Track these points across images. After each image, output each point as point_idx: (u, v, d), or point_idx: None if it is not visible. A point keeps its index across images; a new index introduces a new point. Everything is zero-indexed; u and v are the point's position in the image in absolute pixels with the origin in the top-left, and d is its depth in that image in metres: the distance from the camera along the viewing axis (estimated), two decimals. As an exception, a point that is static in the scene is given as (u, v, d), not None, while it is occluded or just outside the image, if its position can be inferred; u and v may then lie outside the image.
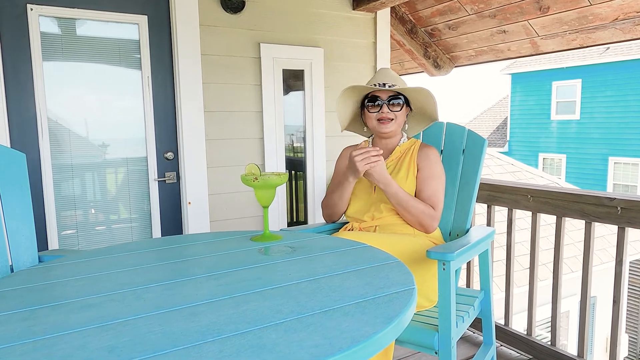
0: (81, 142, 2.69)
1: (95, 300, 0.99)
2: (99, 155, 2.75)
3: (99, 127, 2.72)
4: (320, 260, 1.24)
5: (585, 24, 3.03)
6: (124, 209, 2.85)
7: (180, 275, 1.15)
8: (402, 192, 1.84)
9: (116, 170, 2.81)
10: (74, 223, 2.71)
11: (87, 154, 2.71)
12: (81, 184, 2.72)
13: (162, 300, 0.97)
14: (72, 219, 2.71)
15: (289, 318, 0.86)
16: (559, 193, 2.32)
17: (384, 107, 1.93)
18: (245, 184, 1.40)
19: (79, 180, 2.71)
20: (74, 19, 2.60)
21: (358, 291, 0.99)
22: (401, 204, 1.84)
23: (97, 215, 2.78)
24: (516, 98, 16.95)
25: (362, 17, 3.43)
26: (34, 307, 0.96)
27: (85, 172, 2.72)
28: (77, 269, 1.25)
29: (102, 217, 2.79)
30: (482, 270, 1.98)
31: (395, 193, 1.83)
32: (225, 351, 0.74)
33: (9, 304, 0.99)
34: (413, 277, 1.06)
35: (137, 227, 2.89)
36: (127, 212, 2.85)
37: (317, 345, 0.75)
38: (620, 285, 2.13)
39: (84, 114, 2.68)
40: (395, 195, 1.83)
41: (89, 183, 2.74)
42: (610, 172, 14.22)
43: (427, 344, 1.57)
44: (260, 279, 1.09)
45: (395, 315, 0.86)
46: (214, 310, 0.91)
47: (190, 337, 0.79)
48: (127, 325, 0.85)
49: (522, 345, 2.52)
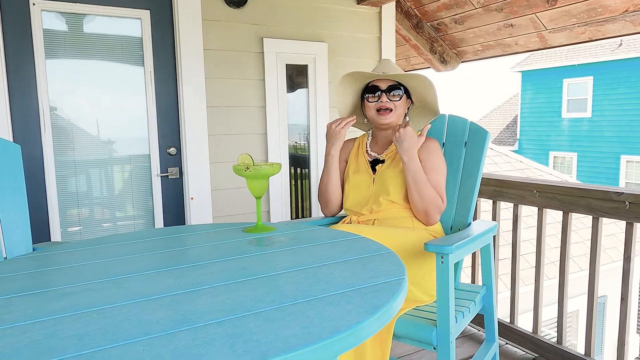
0: (84, 138, 2.69)
1: (74, 289, 0.96)
2: (102, 151, 2.74)
3: (101, 122, 2.72)
4: (310, 251, 1.21)
5: (595, 16, 2.96)
6: (126, 204, 2.84)
7: (164, 266, 1.12)
8: (421, 172, 1.80)
9: (119, 166, 2.80)
10: (77, 219, 2.71)
11: (90, 149, 2.70)
12: (84, 179, 2.71)
13: (142, 289, 0.95)
14: (75, 215, 2.70)
15: (269, 307, 0.83)
16: (565, 188, 2.26)
17: (382, 97, 1.90)
18: (237, 174, 1.37)
19: (81, 176, 2.70)
20: (76, 14, 2.60)
21: (345, 281, 0.96)
22: (417, 183, 1.79)
23: (100, 211, 2.78)
24: (526, 96, 16.77)
25: (366, 12, 3.39)
26: (10, 296, 0.94)
27: (88, 168, 2.71)
28: (63, 258, 1.23)
29: (105, 212, 2.79)
30: (484, 265, 1.93)
31: (415, 170, 1.79)
32: (198, 340, 0.71)
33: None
34: (404, 268, 1.02)
35: (139, 223, 2.88)
36: (129, 207, 2.85)
37: (295, 335, 0.72)
38: (629, 282, 2.07)
39: (86, 109, 2.67)
40: (414, 173, 1.79)
41: (91, 179, 2.73)
42: (623, 170, 14.01)
43: (425, 339, 1.53)
44: (244, 269, 1.06)
45: (381, 304, 0.82)
46: (193, 300, 0.88)
47: (164, 326, 0.77)
48: (101, 314, 0.82)
49: (528, 343, 2.46)
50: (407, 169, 1.80)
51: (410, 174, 1.80)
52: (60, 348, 0.70)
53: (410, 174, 1.80)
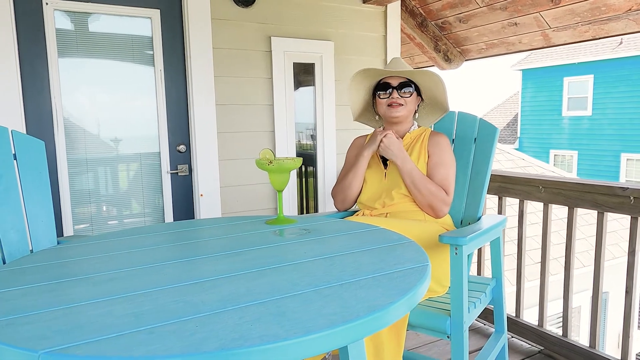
0: (95, 136, 2.73)
1: (117, 274, 1.02)
2: (113, 149, 2.78)
3: (112, 121, 2.76)
4: (334, 241, 1.26)
5: (598, 15, 3.02)
6: (137, 201, 2.88)
7: (197, 254, 1.18)
8: (416, 171, 1.88)
9: (129, 163, 2.85)
10: (89, 216, 2.75)
11: (101, 147, 2.75)
12: (95, 176, 2.76)
13: (182, 274, 1.00)
14: (87, 212, 2.75)
15: (306, 290, 0.88)
16: (571, 183, 2.32)
17: (394, 93, 1.95)
18: (260, 167, 1.42)
19: (93, 174, 2.75)
20: (88, 13, 2.64)
21: (372, 267, 1.01)
22: (414, 183, 1.86)
23: (111, 207, 2.82)
24: (527, 94, 16.83)
25: (372, 10, 3.44)
26: (59, 281, 0.99)
27: (100, 166, 2.76)
28: (96, 248, 1.28)
29: (116, 209, 2.83)
30: (494, 258, 1.99)
31: (410, 170, 1.87)
32: (245, 317, 0.76)
33: (34, 277, 1.02)
34: (427, 256, 1.07)
35: (150, 220, 2.92)
36: (140, 204, 2.89)
37: (335, 313, 0.77)
38: (633, 275, 2.12)
39: (97, 108, 2.71)
40: (410, 173, 1.86)
41: (102, 176, 2.78)
42: (623, 168, 14.08)
43: (440, 328, 1.58)
44: (275, 257, 1.11)
45: (409, 288, 0.88)
46: (231, 283, 0.93)
47: (210, 306, 0.82)
48: (149, 296, 0.87)
49: (534, 337, 2.51)
50: (402, 171, 1.88)
51: (406, 175, 1.88)
52: (118, 325, 0.75)
53: (406, 175, 1.87)
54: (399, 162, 1.88)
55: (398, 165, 1.88)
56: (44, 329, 0.74)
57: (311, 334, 0.70)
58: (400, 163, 1.88)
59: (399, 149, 1.89)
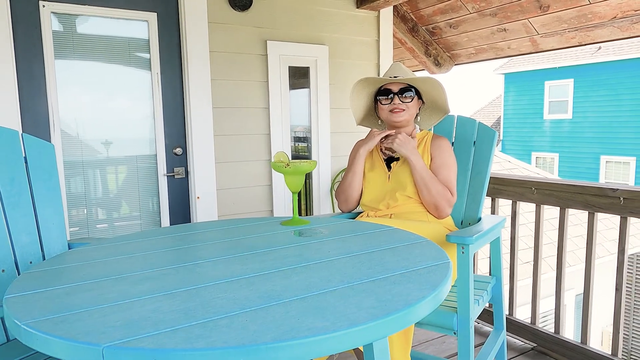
0: (91, 138, 2.72)
1: (150, 274, 1.04)
2: (109, 151, 2.78)
3: (108, 123, 2.76)
4: (354, 240, 1.30)
5: (585, 22, 3.12)
6: (133, 203, 2.88)
7: (225, 254, 1.21)
8: (427, 169, 1.95)
9: (126, 166, 2.85)
10: (84, 218, 2.74)
11: (97, 150, 2.74)
12: (91, 179, 2.75)
13: (215, 273, 1.03)
14: (82, 215, 2.74)
15: (340, 286, 0.92)
16: (562, 185, 2.40)
17: (395, 99, 2.01)
18: (277, 170, 1.45)
19: (89, 176, 2.74)
20: (85, 16, 2.64)
21: (398, 265, 1.06)
22: (424, 180, 1.92)
23: (107, 210, 2.82)
24: (509, 98, 17.14)
25: (365, 15, 3.50)
26: (95, 280, 1.01)
27: (96, 168, 2.75)
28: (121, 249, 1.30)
29: (112, 211, 2.83)
30: (494, 257, 2.05)
31: (422, 168, 1.94)
32: (290, 312, 0.80)
33: (69, 277, 1.04)
34: (446, 254, 1.12)
35: (146, 222, 2.92)
36: (136, 206, 2.89)
37: (374, 307, 0.81)
38: (623, 273, 2.21)
39: (94, 110, 2.71)
40: (421, 170, 1.93)
41: (98, 179, 2.77)
42: (602, 170, 14.43)
43: (447, 324, 1.64)
44: (301, 256, 1.15)
45: (439, 283, 0.93)
46: (267, 281, 0.97)
47: (254, 302, 0.85)
48: (191, 293, 0.91)
49: (526, 334, 2.58)
50: (414, 167, 1.94)
51: (417, 172, 1.93)
52: (170, 320, 0.78)
53: (417, 172, 1.93)
54: (413, 159, 1.93)
55: (412, 162, 1.94)
56: (98, 324, 0.77)
57: (355, 326, 0.74)
58: (414, 160, 1.93)
59: (413, 146, 1.96)
